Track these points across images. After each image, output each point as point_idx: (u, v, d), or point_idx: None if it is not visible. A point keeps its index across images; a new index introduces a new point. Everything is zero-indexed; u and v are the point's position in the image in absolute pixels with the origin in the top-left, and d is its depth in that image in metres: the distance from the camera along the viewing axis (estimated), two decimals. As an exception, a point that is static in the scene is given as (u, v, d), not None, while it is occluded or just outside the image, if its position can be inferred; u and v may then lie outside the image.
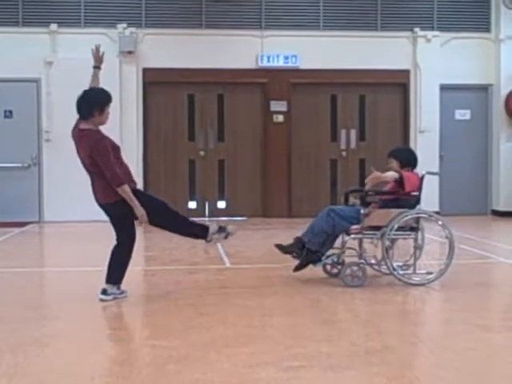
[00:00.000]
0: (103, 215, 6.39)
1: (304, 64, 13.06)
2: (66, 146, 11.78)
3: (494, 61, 13.38)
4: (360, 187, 7.10)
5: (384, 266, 7.08)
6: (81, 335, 5.27)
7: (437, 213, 9.33)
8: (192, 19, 13.01)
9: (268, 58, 13.02)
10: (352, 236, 6.95)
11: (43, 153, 12.65)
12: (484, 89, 13.60)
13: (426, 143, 13.10)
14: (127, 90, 12.47)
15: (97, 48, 6.64)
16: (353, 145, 13.56)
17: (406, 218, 6.89)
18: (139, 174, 12.24)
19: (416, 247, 7.01)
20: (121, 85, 12.44)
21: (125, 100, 12.28)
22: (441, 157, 13.38)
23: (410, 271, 7.01)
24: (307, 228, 7.09)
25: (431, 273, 7.02)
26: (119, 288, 6.35)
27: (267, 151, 13.26)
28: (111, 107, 6.34)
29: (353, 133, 13.56)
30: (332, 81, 13.21)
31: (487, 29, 13.48)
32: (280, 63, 13.07)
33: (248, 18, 13.12)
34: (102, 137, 6.17)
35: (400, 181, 6.91)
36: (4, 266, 8.26)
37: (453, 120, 13.61)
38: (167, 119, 13.22)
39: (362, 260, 7.07)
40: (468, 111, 13.70)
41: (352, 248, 7.14)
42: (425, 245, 7.15)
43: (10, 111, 12.64)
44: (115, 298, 6.28)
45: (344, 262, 7.12)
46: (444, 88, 13.31)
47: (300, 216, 12.72)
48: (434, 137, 13.33)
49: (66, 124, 11.73)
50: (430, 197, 11.55)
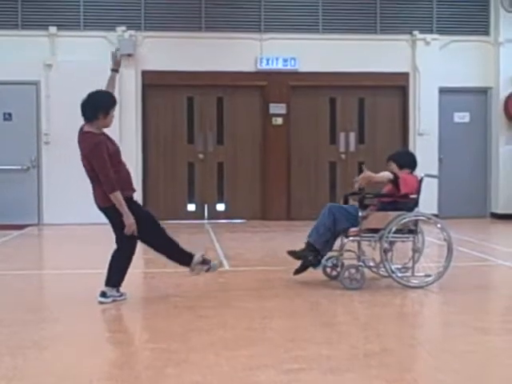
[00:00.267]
0: (102, 218, 6.39)
1: (303, 67, 13.07)
2: (65, 149, 12.03)
3: (493, 64, 13.39)
4: (359, 191, 7.08)
5: (382, 269, 7.08)
6: (80, 338, 5.27)
7: (435, 215, 9.32)
8: (191, 22, 13.02)
9: (267, 61, 13.03)
10: (350, 238, 6.96)
11: (42, 155, 12.66)
12: (483, 92, 13.61)
13: (425, 146, 13.10)
14: (126, 93, 12.46)
15: (116, 51, 6.66)
16: (352, 147, 13.57)
17: (405, 221, 6.89)
18: (138, 177, 12.24)
19: (415, 250, 7.01)
20: (120, 87, 12.40)
21: (124, 103, 12.25)
22: (440, 159, 13.39)
23: (409, 274, 7.02)
24: (312, 229, 7.08)
25: (430, 275, 7.02)
26: (118, 290, 6.35)
27: (266, 154, 13.27)
28: (112, 110, 6.35)
29: (352, 135, 13.56)
30: (331, 83, 13.22)
31: (486, 32, 13.49)
32: (279, 66, 13.08)
33: (247, 21, 13.13)
34: (101, 141, 6.12)
35: (395, 182, 6.90)
36: (3, 269, 8.25)
37: (452, 123, 13.62)
38: (166, 122, 13.22)
39: (361, 262, 7.07)
40: (467, 114, 13.71)
41: (351, 250, 7.15)
42: (424, 247, 7.16)
43: (10, 114, 12.64)
44: (114, 301, 6.27)
45: (343, 265, 7.12)
46: (443, 91, 13.32)
47: (299, 219, 12.73)
48: (433, 140, 13.34)
49: (65, 127, 12.01)
50: (429, 199, 11.54)
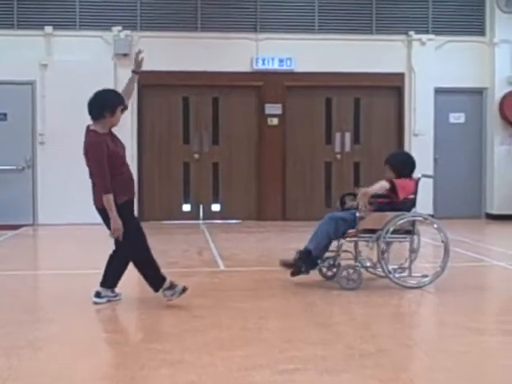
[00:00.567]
0: (97, 218, 6.32)
1: (299, 67, 13.06)
2: (61, 149, 12.02)
3: (489, 64, 13.40)
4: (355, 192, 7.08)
5: (379, 269, 7.08)
6: (75, 338, 5.25)
7: (431, 216, 9.34)
8: (187, 22, 13.00)
9: (263, 61, 13.01)
10: (347, 239, 6.95)
11: (37, 155, 12.60)
12: (478, 92, 13.62)
13: (421, 146, 13.09)
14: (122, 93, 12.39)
15: (138, 53, 6.62)
16: (347, 148, 13.56)
17: (402, 221, 6.89)
18: (134, 177, 12.17)
19: (411, 250, 7.01)
20: (116, 87, 12.34)
21: (120, 102, 12.20)
22: (435, 160, 13.40)
23: (406, 274, 7.02)
24: (311, 237, 7.02)
25: (427, 276, 7.03)
26: (113, 291, 6.33)
27: (262, 154, 13.25)
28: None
29: (347, 136, 13.55)
30: (327, 84, 13.21)
31: (482, 32, 13.50)
32: (275, 66, 13.06)
33: (243, 21, 13.12)
34: (101, 140, 6.01)
35: (393, 189, 6.90)
36: (-2, 269, 8.23)
37: (447, 123, 13.63)
38: (162, 122, 13.20)
39: (358, 263, 7.06)
40: (462, 114, 13.72)
41: (347, 251, 7.14)
42: (420, 248, 7.16)
43: (5, 114, 12.60)
44: (109, 301, 6.26)
45: (339, 265, 7.11)
46: (438, 91, 13.33)
47: (294, 219, 12.74)
48: (429, 140, 13.34)
49: (61, 127, 12.01)
50: (425, 200, 11.49)
